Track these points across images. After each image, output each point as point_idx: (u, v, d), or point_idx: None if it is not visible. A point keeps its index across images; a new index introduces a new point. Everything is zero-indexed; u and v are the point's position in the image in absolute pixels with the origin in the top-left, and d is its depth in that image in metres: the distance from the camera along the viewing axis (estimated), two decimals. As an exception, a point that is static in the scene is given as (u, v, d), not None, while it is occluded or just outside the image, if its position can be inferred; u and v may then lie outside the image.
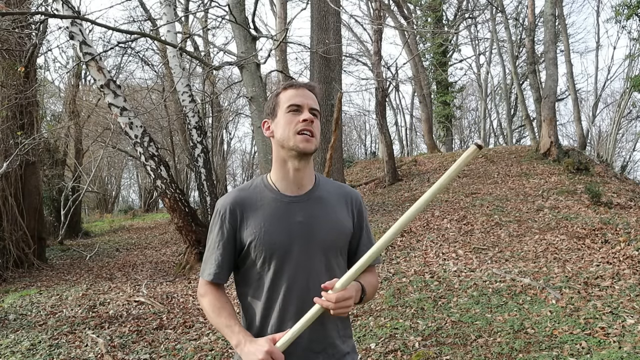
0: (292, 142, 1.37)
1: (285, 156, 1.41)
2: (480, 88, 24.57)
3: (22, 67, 8.71)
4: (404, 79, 21.05)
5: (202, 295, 1.44)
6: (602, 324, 3.67)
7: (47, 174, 12.68)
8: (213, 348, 4.16)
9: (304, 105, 1.40)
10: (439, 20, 19.89)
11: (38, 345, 4.48)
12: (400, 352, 3.62)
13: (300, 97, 1.41)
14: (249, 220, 1.39)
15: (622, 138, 25.56)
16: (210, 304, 1.41)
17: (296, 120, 1.38)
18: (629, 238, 5.75)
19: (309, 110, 1.40)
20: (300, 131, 1.37)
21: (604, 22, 46.69)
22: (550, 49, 11.56)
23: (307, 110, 1.39)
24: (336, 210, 1.45)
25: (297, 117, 1.39)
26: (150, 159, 7.41)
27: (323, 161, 7.70)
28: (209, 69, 10.66)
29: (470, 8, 20.69)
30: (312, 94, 1.44)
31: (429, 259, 6.08)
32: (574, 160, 10.24)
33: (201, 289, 1.45)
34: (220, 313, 1.38)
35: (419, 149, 26.78)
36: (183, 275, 7.60)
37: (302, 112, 1.39)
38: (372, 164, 16.86)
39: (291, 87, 1.44)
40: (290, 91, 1.43)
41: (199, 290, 1.47)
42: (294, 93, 1.42)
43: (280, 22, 13.48)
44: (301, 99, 1.40)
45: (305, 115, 1.38)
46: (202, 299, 1.44)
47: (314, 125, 1.39)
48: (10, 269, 8.58)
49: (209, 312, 1.41)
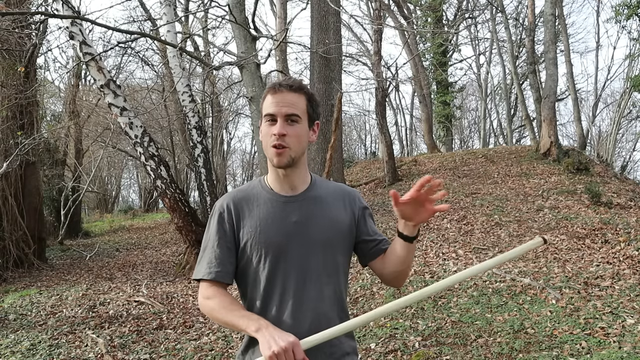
0: (268, 154, 1.37)
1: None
2: (480, 88, 24.57)
3: (22, 67, 8.71)
4: (404, 79, 21.05)
5: (208, 298, 1.37)
6: (602, 324, 3.67)
7: (47, 174, 12.68)
8: (213, 348, 4.16)
9: (278, 115, 1.34)
10: (439, 20, 19.87)
11: (38, 345, 4.48)
12: (400, 352, 3.62)
13: (275, 105, 1.35)
14: (246, 220, 1.40)
15: (622, 138, 25.57)
16: (220, 301, 1.34)
17: (270, 132, 1.35)
18: (629, 238, 5.75)
19: (284, 117, 1.34)
20: (272, 144, 1.34)
21: (604, 22, 46.68)
22: (550, 49, 11.56)
23: (281, 121, 1.34)
24: (332, 209, 1.44)
25: (272, 128, 1.35)
26: (150, 159, 7.41)
27: (323, 161, 7.70)
28: (209, 69, 10.67)
29: (470, 8, 20.70)
30: (293, 95, 1.36)
31: (429, 259, 6.08)
32: (574, 160, 10.24)
33: (206, 292, 1.38)
34: (233, 308, 1.33)
35: (419, 149, 26.79)
36: (183, 275, 7.60)
37: (276, 123, 1.35)
38: (372, 164, 16.86)
39: (270, 91, 1.38)
40: (268, 98, 1.38)
41: (203, 294, 1.38)
42: (270, 101, 1.36)
43: (280, 22, 13.47)
44: (275, 107, 1.35)
45: (276, 128, 1.33)
46: (209, 302, 1.36)
47: (289, 135, 1.34)
48: (10, 269, 8.58)
49: (220, 310, 1.33)
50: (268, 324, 1.27)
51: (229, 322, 1.33)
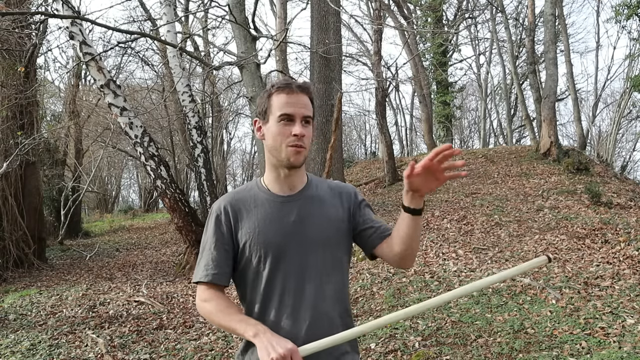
0: (283, 155, 1.35)
1: (276, 163, 1.40)
2: (480, 88, 24.57)
3: (22, 67, 8.72)
4: (404, 79, 21.02)
5: (206, 301, 1.37)
6: (602, 324, 3.67)
7: (47, 174, 12.68)
8: (213, 348, 4.16)
9: (297, 115, 1.34)
10: (439, 20, 19.87)
11: (38, 345, 4.48)
12: (400, 352, 3.62)
13: (293, 105, 1.34)
14: (244, 221, 1.40)
15: (622, 138, 25.57)
16: (217, 305, 1.35)
17: (288, 132, 1.34)
18: (629, 238, 5.75)
19: (301, 119, 1.35)
20: (291, 144, 1.34)
21: (604, 22, 46.64)
22: (550, 49, 11.56)
23: (299, 122, 1.34)
24: (330, 207, 1.44)
25: (288, 128, 1.34)
26: (150, 159, 7.42)
27: (323, 161, 7.69)
28: (209, 69, 10.67)
29: (470, 8, 20.69)
30: (306, 97, 1.38)
31: (429, 259, 6.08)
32: (574, 160, 10.24)
33: (203, 294, 1.39)
34: (230, 311, 1.33)
35: (419, 149, 26.78)
36: (183, 275, 7.60)
37: (294, 124, 1.34)
38: (372, 164, 16.87)
39: (284, 91, 1.37)
40: (282, 97, 1.36)
41: (201, 296, 1.39)
42: (286, 100, 1.35)
43: (280, 22, 13.47)
44: (294, 108, 1.34)
45: (297, 129, 1.33)
46: (206, 304, 1.37)
47: (306, 136, 1.35)
48: (10, 269, 8.59)
49: (217, 314, 1.34)
50: (266, 329, 1.27)
51: (226, 326, 1.33)
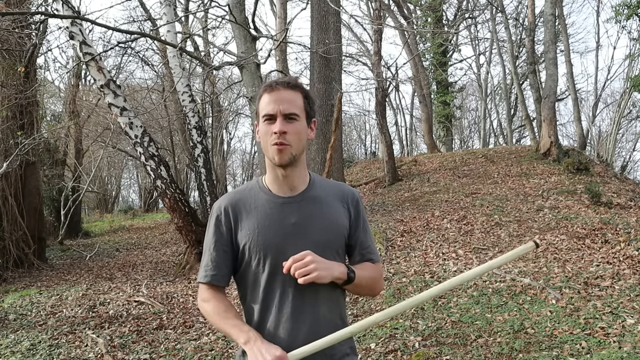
0: (269, 154, 1.36)
1: (270, 164, 1.40)
2: (480, 88, 24.57)
3: (22, 67, 8.72)
4: (404, 79, 21.05)
5: (205, 301, 1.41)
6: (602, 324, 3.67)
7: (47, 174, 12.68)
8: (213, 348, 4.16)
9: (277, 113, 1.33)
10: (439, 20, 19.87)
11: (38, 345, 4.48)
12: (400, 352, 3.62)
13: (273, 103, 1.34)
14: (244, 222, 1.39)
15: (622, 138, 25.58)
16: (215, 307, 1.38)
17: (270, 130, 1.34)
18: (629, 238, 5.75)
19: (283, 116, 1.33)
20: (273, 143, 1.34)
21: (604, 22, 46.70)
22: (550, 49, 11.56)
23: (280, 119, 1.33)
24: (331, 209, 1.43)
25: (271, 127, 1.34)
26: (150, 159, 7.41)
27: (323, 161, 7.69)
28: (209, 69, 10.67)
29: (470, 8, 20.70)
30: (289, 92, 1.36)
31: (429, 259, 6.08)
32: (574, 160, 10.24)
33: (203, 294, 1.42)
34: (226, 315, 1.35)
35: (419, 149, 26.79)
36: (183, 275, 7.60)
37: (275, 122, 1.34)
38: (372, 164, 16.86)
39: (266, 90, 1.37)
40: (264, 97, 1.37)
41: (201, 296, 1.43)
42: (268, 99, 1.35)
43: (280, 22, 13.47)
44: (273, 106, 1.34)
45: (276, 126, 1.32)
46: (205, 304, 1.41)
47: (289, 133, 1.33)
48: (10, 269, 8.59)
49: (213, 316, 1.37)
50: (257, 336, 1.29)
51: (221, 329, 1.37)
